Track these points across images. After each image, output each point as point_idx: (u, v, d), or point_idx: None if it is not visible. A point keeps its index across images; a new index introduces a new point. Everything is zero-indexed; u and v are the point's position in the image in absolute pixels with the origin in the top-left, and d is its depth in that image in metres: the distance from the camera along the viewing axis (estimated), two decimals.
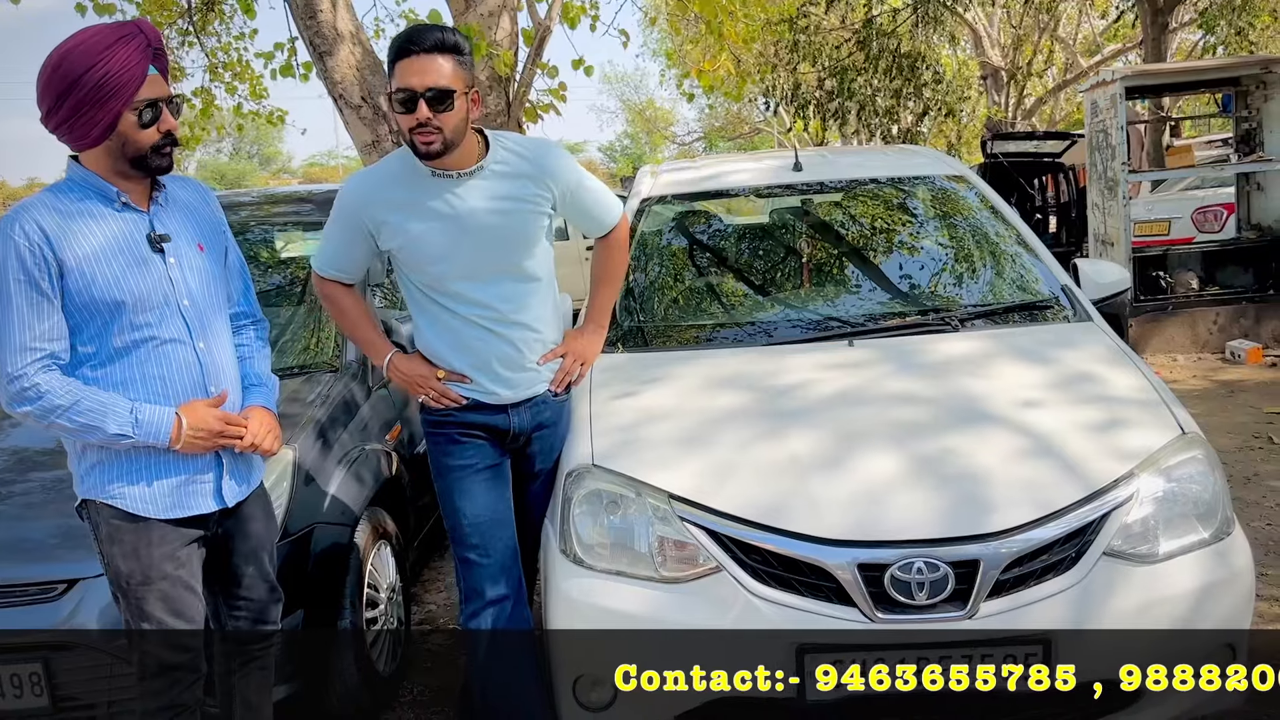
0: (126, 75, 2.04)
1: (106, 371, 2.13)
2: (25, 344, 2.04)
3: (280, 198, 5.00)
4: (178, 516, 2.19)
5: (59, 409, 2.05)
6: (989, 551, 2.31)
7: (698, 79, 8.54)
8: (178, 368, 2.18)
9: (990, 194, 3.87)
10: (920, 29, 14.91)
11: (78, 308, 2.08)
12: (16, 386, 2.04)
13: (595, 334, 2.85)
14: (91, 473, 2.16)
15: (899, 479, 2.45)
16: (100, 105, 2.03)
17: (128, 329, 2.12)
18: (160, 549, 2.17)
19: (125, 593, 2.17)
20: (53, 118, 2.08)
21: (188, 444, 2.15)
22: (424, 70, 2.36)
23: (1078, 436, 2.59)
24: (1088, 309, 3.31)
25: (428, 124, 2.37)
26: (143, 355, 2.15)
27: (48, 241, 2.04)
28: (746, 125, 34.83)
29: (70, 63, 2.03)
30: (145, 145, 2.11)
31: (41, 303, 2.04)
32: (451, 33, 2.42)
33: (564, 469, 2.69)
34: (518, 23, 6.51)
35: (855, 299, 3.52)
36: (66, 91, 2.03)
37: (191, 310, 2.21)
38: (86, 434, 2.08)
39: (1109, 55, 21.03)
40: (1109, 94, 8.07)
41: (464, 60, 2.42)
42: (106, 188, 2.14)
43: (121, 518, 2.15)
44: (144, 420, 2.10)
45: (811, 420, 2.69)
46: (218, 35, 9.66)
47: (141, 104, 2.08)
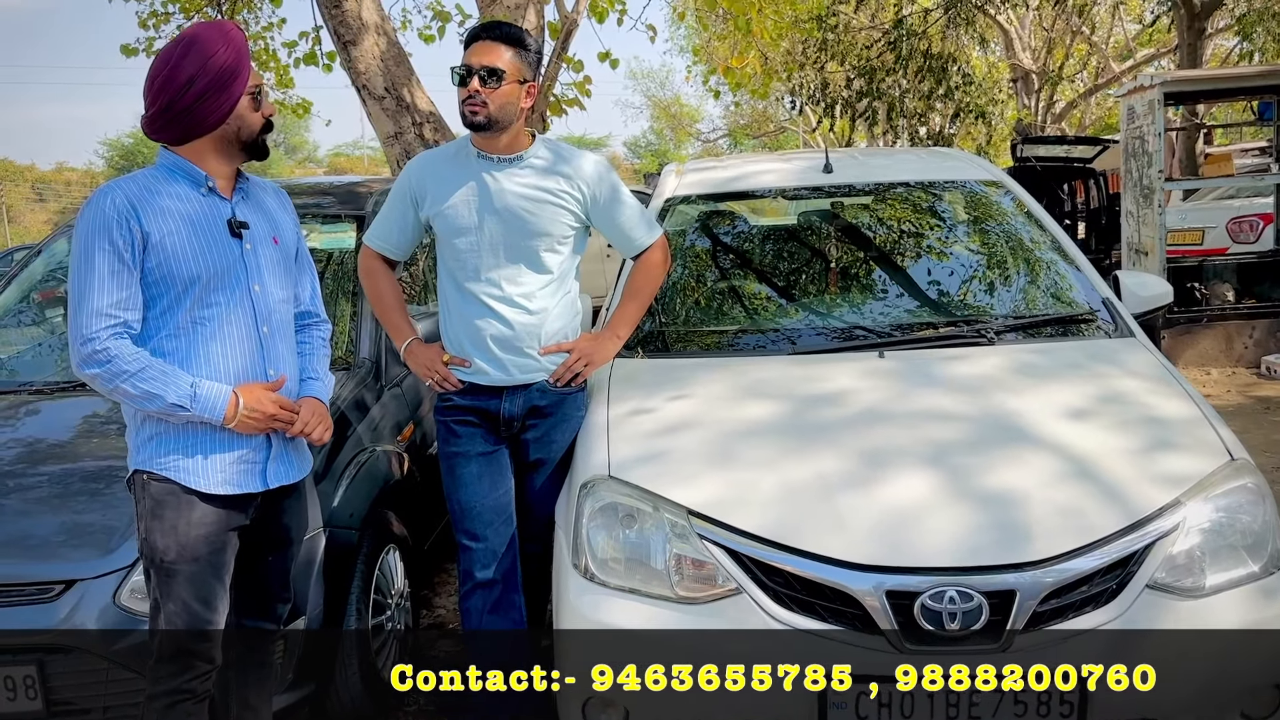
0: (241, 62, 2.21)
1: (174, 345, 2.20)
2: (102, 309, 2.12)
3: (301, 189, 4.90)
4: (226, 493, 2.23)
5: (125, 374, 2.12)
6: (1026, 581, 2.19)
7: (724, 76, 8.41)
8: (240, 349, 2.26)
9: (1027, 200, 3.73)
10: (952, 30, 14.71)
11: (155, 280, 2.17)
12: (89, 349, 2.11)
13: (609, 340, 2.91)
14: (148, 444, 2.22)
15: (931, 501, 2.33)
16: (225, 89, 2.18)
17: (198, 305, 2.21)
18: (199, 530, 2.20)
19: (157, 570, 2.21)
20: (174, 108, 2.17)
21: (242, 423, 2.21)
22: (484, 52, 2.64)
23: (1120, 460, 2.46)
24: (1129, 323, 3.17)
25: (475, 95, 2.62)
26: (208, 333, 2.23)
27: (135, 214, 2.14)
28: (772, 123, 34.66)
29: (198, 51, 2.16)
30: (257, 127, 2.28)
31: (122, 271, 2.13)
32: (518, 29, 2.71)
33: (578, 479, 2.59)
34: (544, 16, 6.44)
35: (886, 308, 3.39)
36: (195, 76, 2.15)
37: (261, 296, 2.30)
38: (147, 402, 2.14)
39: (1142, 60, 20.73)
40: (1146, 99, 7.89)
41: (525, 55, 2.68)
42: (196, 172, 2.24)
43: (168, 492, 2.19)
44: (201, 395, 2.16)
45: (839, 436, 2.57)
46: (245, 24, 9.63)
47: (253, 89, 2.26)
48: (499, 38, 2.66)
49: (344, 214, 4.02)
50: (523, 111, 2.69)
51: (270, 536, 2.39)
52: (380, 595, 3.13)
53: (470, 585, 2.81)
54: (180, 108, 2.18)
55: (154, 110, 2.20)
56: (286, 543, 2.44)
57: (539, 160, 2.75)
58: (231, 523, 2.26)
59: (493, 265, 2.72)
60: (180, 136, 2.24)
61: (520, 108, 2.68)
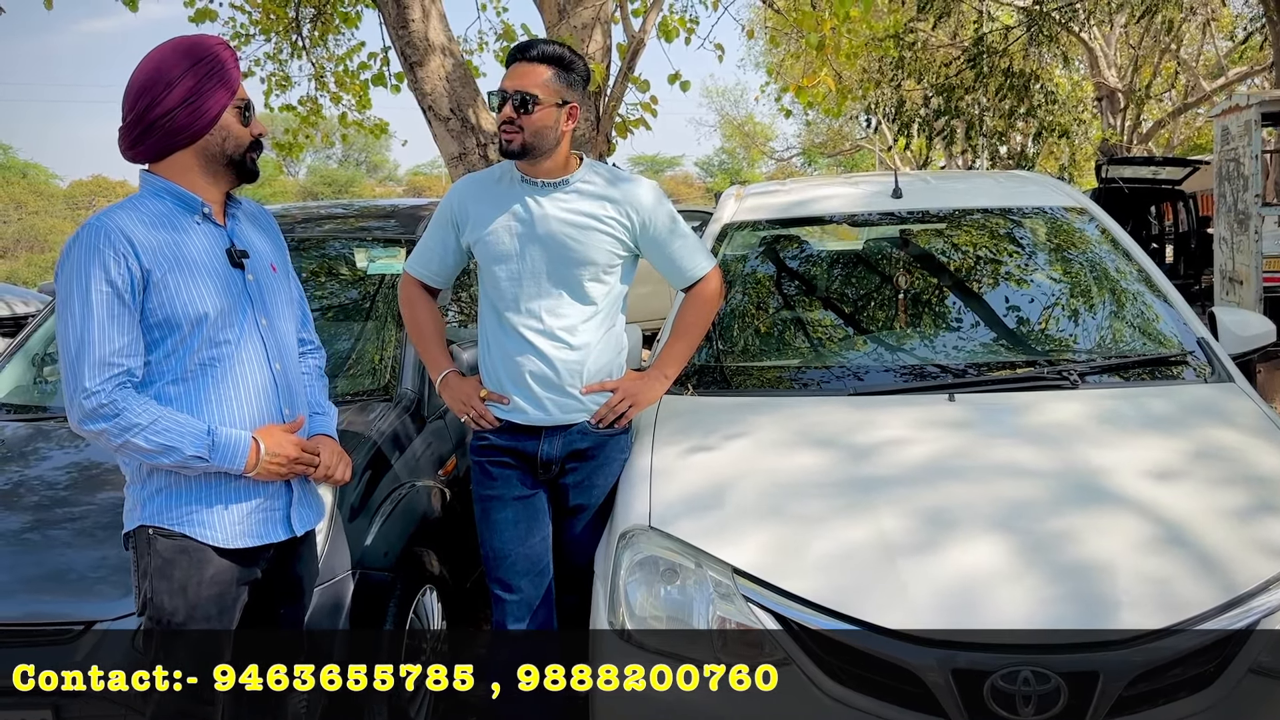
0: (227, 70, 2.04)
1: (180, 391, 2.04)
2: (104, 359, 1.94)
3: (368, 211, 4.83)
4: (246, 545, 2.09)
5: (136, 427, 1.95)
6: (1111, 662, 1.96)
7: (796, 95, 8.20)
8: (254, 389, 2.11)
9: (1115, 229, 3.46)
10: (1034, 48, 14.30)
11: (158, 323, 2.01)
12: (93, 403, 1.94)
13: (656, 380, 2.73)
14: (156, 497, 2.05)
15: (1004, 569, 2.10)
16: (209, 95, 2.01)
17: (206, 346, 2.04)
18: (211, 589, 2.06)
19: (162, 632, 2.05)
20: (152, 112, 1.99)
21: (264, 470, 2.06)
22: (520, 75, 2.53)
23: (1220, 526, 2.20)
24: (1228, 367, 2.89)
25: (512, 122, 2.50)
26: (218, 375, 2.06)
27: (133, 250, 1.97)
28: (847, 142, 34.25)
29: (181, 51, 2.02)
30: (245, 142, 2.09)
31: (123, 315, 1.96)
32: (560, 46, 2.57)
33: (618, 528, 2.41)
34: (611, 36, 6.34)
35: (958, 345, 3.15)
36: (179, 77, 1.99)
37: (269, 330, 2.15)
38: (161, 455, 1.97)
39: (1234, 79, 19.94)
40: (1242, 120, 7.48)
41: (565, 75, 2.54)
42: (190, 197, 2.08)
43: (179, 550, 2.03)
44: (220, 443, 2.01)
45: (903, 491, 2.35)
46: (326, 47, 9.74)
47: (241, 101, 2.09)
48: (537, 58, 2.53)
49: (401, 238, 3.94)
50: (565, 134, 2.56)
51: (282, 588, 2.24)
52: (414, 640, 2.98)
53: (505, 644, 2.67)
54: (161, 112, 2.00)
55: (132, 117, 2.02)
56: (300, 593, 2.30)
57: (586, 185, 2.61)
58: (245, 577, 2.12)
59: (534, 295, 2.58)
60: (160, 150, 2.05)
61: (561, 130, 2.54)
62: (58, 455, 3.06)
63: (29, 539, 2.67)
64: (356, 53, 9.66)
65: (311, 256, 4.09)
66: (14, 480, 2.96)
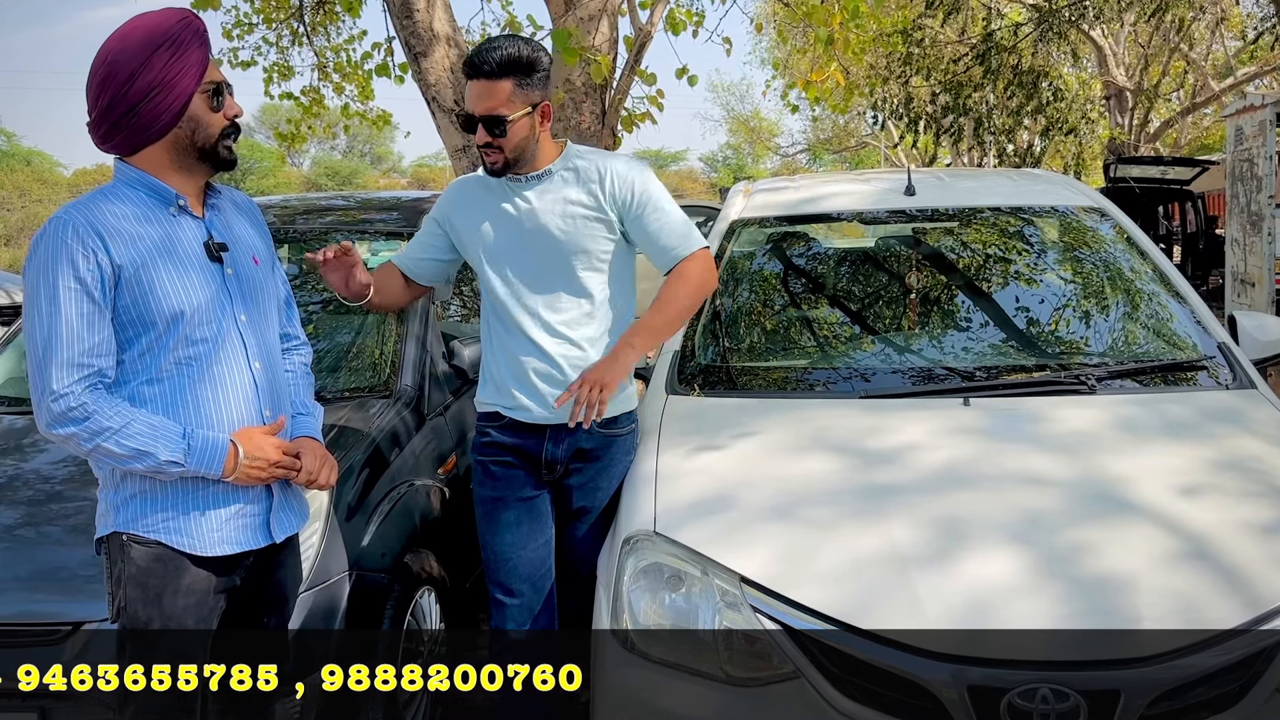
0: (194, 55, 1.92)
1: (155, 392, 1.94)
2: (73, 359, 1.84)
3: (371, 203, 4.75)
4: (224, 553, 1.99)
5: (108, 431, 1.85)
6: (1132, 680, 1.89)
7: (804, 90, 8.11)
8: (233, 389, 2.01)
9: (1133, 230, 3.39)
10: (1043, 45, 14.20)
11: (130, 320, 1.91)
12: (61, 406, 1.84)
13: (621, 352, 2.51)
14: (130, 503, 1.96)
15: (1021, 581, 2.02)
16: (171, 86, 1.89)
17: (182, 344, 1.94)
18: (186, 598, 1.97)
19: (134, 643, 1.97)
20: (116, 108, 1.89)
21: (243, 474, 1.97)
22: (483, 95, 2.40)
23: (1244, 539, 2.12)
24: (1249, 373, 2.81)
25: (489, 144, 2.43)
26: (195, 375, 1.96)
27: (103, 245, 1.86)
28: (853, 138, 34.12)
29: (139, 38, 1.89)
30: (216, 131, 1.98)
31: (94, 314, 1.86)
32: (519, 47, 2.41)
33: (621, 533, 2.34)
34: (618, 28, 6.26)
35: (972, 349, 3.07)
36: (139, 70, 1.87)
37: (248, 327, 2.05)
38: (134, 460, 1.88)
39: (1244, 79, 19.81)
40: (1256, 120, 7.39)
41: (530, 79, 2.42)
42: (164, 189, 1.97)
43: (154, 558, 1.95)
44: (197, 447, 1.91)
45: (916, 499, 2.27)
46: (328, 36, 9.66)
47: (210, 85, 1.96)
48: (494, 72, 2.38)
49: (404, 231, 3.87)
50: (543, 133, 2.49)
51: (264, 596, 2.15)
52: (411, 644, 2.91)
53: (502, 644, 2.60)
54: (124, 108, 1.88)
55: (97, 113, 1.91)
56: (282, 600, 2.21)
57: (567, 173, 2.54)
58: (223, 586, 2.03)
59: (530, 292, 2.53)
60: (130, 145, 1.94)
61: (539, 133, 2.48)
62: (54, 449, 2.98)
63: (21, 535, 2.60)
64: (359, 40, 9.60)
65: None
66: (8, 475, 2.89)
